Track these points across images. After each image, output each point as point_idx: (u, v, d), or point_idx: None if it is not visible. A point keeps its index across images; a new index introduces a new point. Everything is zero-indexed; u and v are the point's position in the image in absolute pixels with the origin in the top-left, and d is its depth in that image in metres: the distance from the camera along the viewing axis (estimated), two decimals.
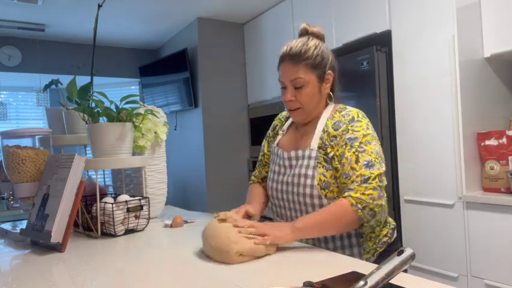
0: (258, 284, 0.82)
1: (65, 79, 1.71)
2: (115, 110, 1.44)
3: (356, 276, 0.83)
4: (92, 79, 1.55)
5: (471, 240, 2.02)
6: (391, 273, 0.60)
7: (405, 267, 0.62)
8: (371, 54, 2.42)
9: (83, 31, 3.99)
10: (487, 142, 2.06)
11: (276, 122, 1.42)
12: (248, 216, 1.22)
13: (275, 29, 3.47)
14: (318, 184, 1.13)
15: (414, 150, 2.30)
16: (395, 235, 1.24)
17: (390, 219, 1.26)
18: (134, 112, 1.51)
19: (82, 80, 1.50)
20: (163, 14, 3.68)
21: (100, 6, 1.55)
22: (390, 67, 2.43)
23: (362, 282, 0.57)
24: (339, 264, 0.94)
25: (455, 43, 2.05)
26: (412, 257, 0.62)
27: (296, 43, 1.18)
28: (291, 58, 1.16)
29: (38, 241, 1.25)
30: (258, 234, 1.02)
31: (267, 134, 1.43)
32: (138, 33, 4.22)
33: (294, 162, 1.21)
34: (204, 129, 3.75)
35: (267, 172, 1.41)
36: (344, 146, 1.12)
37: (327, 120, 1.19)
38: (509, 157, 1.98)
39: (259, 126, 3.76)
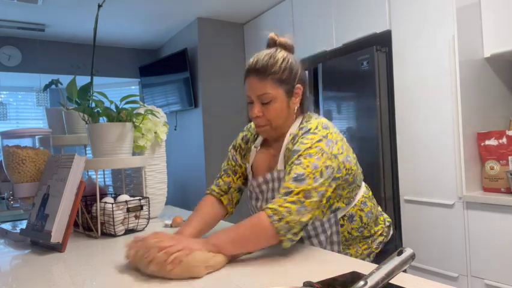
0: (258, 284, 0.82)
1: (65, 79, 1.71)
2: (115, 110, 1.44)
3: (356, 276, 0.83)
4: (92, 79, 1.55)
5: (471, 240, 2.02)
6: (391, 273, 0.60)
7: (405, 267, 0.62)
8: (371, 54, 2.42)
9: (83, 31, 3.99)
10: (487, 142, 2.06)
11: (246, 133, 1.31)
12: None
13: (275, 29, 3.46)
14: None
15: (414, 150, 2.30)
16: (391, 233, 1.20)
17: (385, 216, 1.22)
18: (134, 112, 1.51)
19: (82, 80, 1.50)
20: (163, 14, 3.68)
21: (100, 6, 1.55)
22: (390, 67, 2.43)
23: (362, 282, 0.57)
24: (339, 264, 0.94)
25: (455, 43, 2.05)
26: (412, 257, 0.62)
27: (263, 56, 1.11)
28: (258, 72, 1.09)
29: (38, 241, 1.25)
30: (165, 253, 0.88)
31: (237, 144, 1.31)
32: (138, 33, 4.22)
33: (264, 187, 1.16)
34: (204, 129, 3.75)
35: (240, 182, 1.29)
36: (290, 160, 1.05)
37: (290, 135, 1.13)
38: (509, 157, 1.98)
39: None
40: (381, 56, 2.42)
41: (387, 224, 1.21)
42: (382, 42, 2.47)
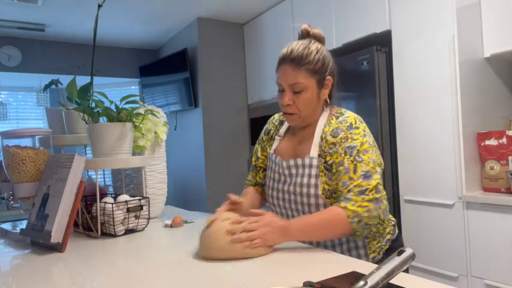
0: (258, 284, 0.82)
1: (65, 79, 1.71)
2: (115, 110, 1.44)
3: (356, 276, 0.83)
4: (92, 79, 1.55)
5: (471, 240, 2.02)
6: (391, 273, 0.60)
7: (405, 267, 0.62)
8: (371, 54, 2.42)
9: (83, 31, 3.99)
10: (487, 142, 2.06)
11: (269, 126, 1.38)
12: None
13: (275, 29, 3.47)
14: (322, 193, 1.12)
15: (414, 150, 2.30)
16: (396, 231, 1.25)
17: (389, 216, 1.26)
18: (134, 112, 1.51)
19: (82, 80, 1.50)
20: (163, 14, 3.68)
21: (100, 6, 1.55)
22: (390, 67, 2.43)
23: (362, 282, 0.57)
24: (339, 264, 0.94)
25: (455, 43, 2.05)
26: (412, 257, 0.62)
27: (298, 46, 1.14)
28: (292, 61, 1.13)
29: (38, 241, 1.25)
30: (247, 237, 1.00)
31: (260, 138, 1.40)
32: (138, 33, 4.22)
33: (294, 171, 1.18)
34: (204, 129, 3.75)
35: (261, 178, 1.38)
36: (343, 155, 1.10)
37: (325, 126, 1.17)
38: (509, 157, 1.98)
39: (259, 126, 3.74)
40: (381, 56, 2.42)
41: (393, 223, 1.26)
42: (382, 42, 2.47)
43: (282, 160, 1.22)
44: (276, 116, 1.38)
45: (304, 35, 1.20)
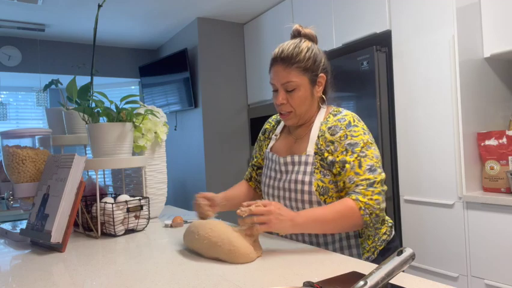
0: (258, 284, 0.82)
1: (65, 79, 1.71)
2: (115, 110, 1.45)
3: (356, 276, 0.83)
4: (92, 79, 1.55)
5: (471, 240, 2.02)
6: (391, 273, 0.60)
7: (405, 267, 0.62)
8: (371, 54, 2.42)
9: (83, 31, 3.99)
10: (487, 142, 2.06)
11: (266, 126, 1.41)
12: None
13: (275, 29, 3.47)
14: (316, 190, 1.13)
15: (414, 150, 2.30)
16: (393, 233, 1.26)
17: (387, 218, 1.27)
18: (134, 112, 1.51)
19: (82, 80, 1.51)
20: (163, 14, 3.68)
21: (100, 6, 1.55)
22: (390, 67, 2.43)
23: (362, 282, 0.57)
24: (339, 264, 0.94)
25: (455, 43, 2.06)
26: (412, 257, 0.62)
27: (288, 45, 1.16)
28: (283, 61, 1.15)
29: (38, 241, 1.25)
30: (256, 220, 0.99)
31: (258, 138, 1.43)
32: (138, 33, 4.22)
33: (290, 167, 1.19)
34: (204, 129, 3.75)
35: (257, 175, 1.43)
36: (344, 152, 1.11)
37: (321, 124, 1.18)
38: (509, 157, 1.98)
39: (259, 126, 3.75)
40: (381, 56, 2.42)
41: (390, 224, 1.26)
42: (382, 42, 2.47)
43: (278, 157, 1.23)
44: (274, 116, 1.41)
45: (296, 35, 1.22)
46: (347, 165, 1.09)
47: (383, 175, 1.09)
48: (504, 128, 2.19)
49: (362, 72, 2.48)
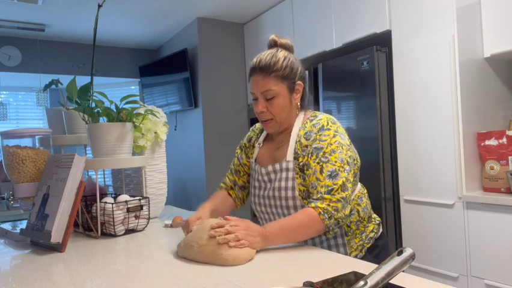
0: (258, 284, 0.82)
1: (65, 79, 1.71)
2: (115, 110, 1.44)
3: (356, 276, 0.83)
4: (92, 79, 1.55)
5: (471, 240, 2.02)
6: (391, 273, 0.60)
7: (405, 267, 0.62)
8: (371, 54, 2.42)
9: (83, 31, 3.99)
10: (487, 142, 2.06)
11: (250, 133, 1.42)
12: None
13: (275, 29, 3.47)
14: (299, 195, 1.15)
15: (414, 150, 2.30)
16: (380, 230, 1.28)
17: (374, 215, 1.29)
18: (134, 112, 1.51)
19: (82, 80, 1.50)
20: (163, 14, 3.68)
21: (100, 6, 1.55)
22: (390, 67, 2.43)
23: (362, 282, 0.57)
24: (339, 264, 0.94)
25: (455, 43, 2.05)
26: (412, 257, 0.62)
27: (265, 55, 1.20)
28: (261, 70, 1.18)
29: (38, 241, 1.25)
30: (233, 238, 1.00)
31: (242, 144, 1.42)
32: (138, 33, 4.22)
33: (272, 176, 1.22)
34: (204, 129, 3.75)
35: (244, 182, 1.39)
36: (310, 155, 1.14)
37: (299, 130, 1.21)
38: (509, 157, 1.98)
39: None
40: (381, 56, 2.42)
41: (377, 222, 1.29)
42: (382, 42, 2.47)
43: (260, 167, 1.26)
44: (258, 124, 1.42)
45: (272, 44, 1.27)
46: (310, 170, 1.12)
47: (343, 179, 1.08)
48: (504, 128, 2.19)
49: (362, 72, 2.48)
